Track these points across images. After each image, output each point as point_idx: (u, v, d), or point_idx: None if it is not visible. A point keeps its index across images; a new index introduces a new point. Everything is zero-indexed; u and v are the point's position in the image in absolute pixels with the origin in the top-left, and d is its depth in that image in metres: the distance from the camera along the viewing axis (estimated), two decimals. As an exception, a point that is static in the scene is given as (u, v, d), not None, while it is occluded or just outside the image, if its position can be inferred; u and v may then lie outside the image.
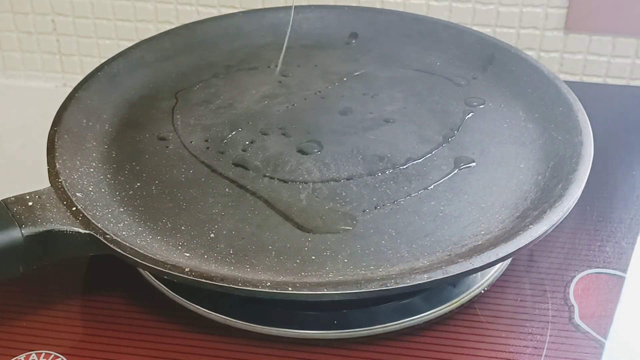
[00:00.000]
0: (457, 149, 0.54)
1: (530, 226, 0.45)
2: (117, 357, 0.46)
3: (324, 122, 0.57)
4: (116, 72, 0.60)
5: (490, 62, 0.61)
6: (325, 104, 0.59)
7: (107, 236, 0.45)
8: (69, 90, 0.57)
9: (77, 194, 0.48)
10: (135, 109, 0.58)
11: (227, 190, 0.51)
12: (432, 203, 0.50)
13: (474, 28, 0.70)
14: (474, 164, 0.53)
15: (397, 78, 0.62)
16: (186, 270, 0.43)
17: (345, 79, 0.62)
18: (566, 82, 0.58)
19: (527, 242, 0.44)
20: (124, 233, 0.47)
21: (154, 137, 0.56)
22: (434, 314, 0.48)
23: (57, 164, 0.50)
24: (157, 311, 0.49)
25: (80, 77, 0.58)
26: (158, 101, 0.59)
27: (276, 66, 0.59)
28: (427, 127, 0.56)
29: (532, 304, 0.49)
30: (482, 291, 0.50)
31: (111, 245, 0.44)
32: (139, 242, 0.46)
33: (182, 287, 0.48)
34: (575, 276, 0.51)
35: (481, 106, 0.58)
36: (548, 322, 0.48)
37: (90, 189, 0.50)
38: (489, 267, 0.44)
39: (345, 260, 0.46)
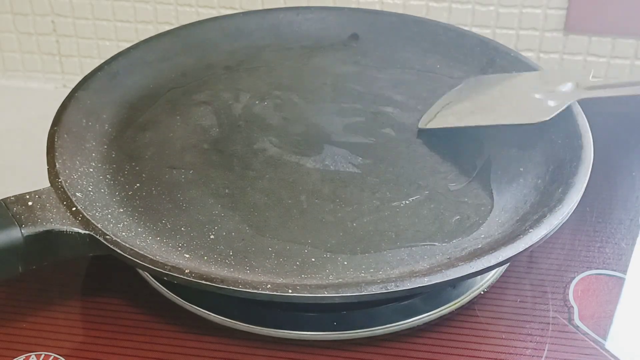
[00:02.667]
0: (457, 152, 0.54)
1: (530, 230, 0.45)
2: (117, 359, 0.46)
3: (324, 124, 0.57)
4: (116, 72, 0.60)
5: (491, 65, 0.61)
6: (325, 105, 0.59)
7: (107, 237, 0.45)
8: (69, 91, 0.57)
9: (77, 194, 0.48)
10: (135, 109, 0.58)
11: (227, 191, 0.51)
12: (432, 206, 0.50)
13: (474, 29, 0.70)
14: (474, 167, 0.53)
15: (397, 80, 0.62)
16: (186, 271, 0.43)
17: (345, 80, 0.62)
18: (566, 83, 0.58)
19: (526, 246, 0.44)
20: (123, 234, 0.47)
21: (154, 137, 0.56)
22: (433, 315, 0.48)
23: (56, 164, 0.50)
24: (157, 312, 0.49)
25: (80, 79, 0.58)
26: (158, 102, 0.59)
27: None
28: (427, 130, 0.56)
29: (531, 305, 0.49)
30: (482, 292, 0.50)
31: (111, 246, 0.44)
32: (138, 243, 0.46)
33: (181, 289, 0.48)
34: (574, 277, 0.51)
35: (481, 108, 0.58)
36: (548, 323, 0.48)
37: (90, 189, 0.50)
38: (489, 270, 0.44)
39: (345, 263, 0.46)
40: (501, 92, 0.57)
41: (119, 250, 0.44)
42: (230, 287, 0.42)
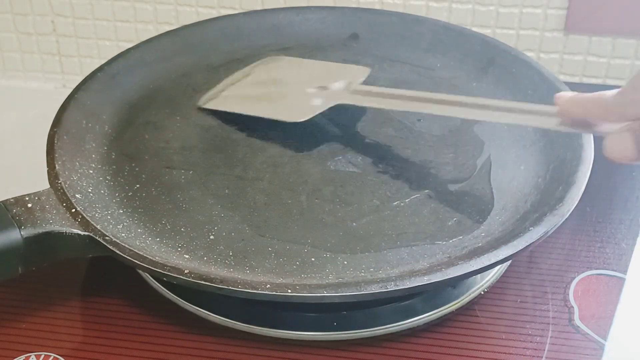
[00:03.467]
0: (457, 152, 0.54)
1: (530, 228, 0.45)
2: (117, 359, 0.46)
3: (324, 124, 0.57)
4: (116, 73, 0.60)
5: (491, 64, 0.61)
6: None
7: (107, 238, 0.45)
8: (69, 91, 0.57)
9: (77, 195, 0.48)
10: (135, 110, 0.58)
11: (226, 191, 0.51)
12: (432, 205, 0.50)
13: (474, 29, 0.69)
14: (474, 166, 0.53)
15: (397, 79, 0.61)
16: (186, 272, 0.43)
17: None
18: (566, 83, 0.58)
19: (527, 244, 0.44)
20: (123, 235, 0.47)
21: (154, 138, 0.56)
22: (433, 315, 0.48)
23: (56, 165, 0.50)
24: (157, 313, 0.49)
25: (80, 79, 0.58)
26: (158, 102, 0.59)
27: None
28: (427, 129, 0.56)
29: (532, 306, 0.49)
30: (482, 292, 0.50)
31: (110, 247, 0.44)
32: (138, 243, 0.46)
33: (181, 289, 0.48)
34: (575, 277, 0.51)
35: (481, 107, 0.58)
36: (548, 323, 0.48)
37: (90, 190, 0.50)
38: (489, 269, 0.44)
39: (345, 262, 0.46)
40: (283, 80, 0.60)
41: (118, 252, 0.44)
42: (230, 288, 0.42)
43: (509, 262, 0.51)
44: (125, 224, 0.48)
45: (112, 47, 0.80)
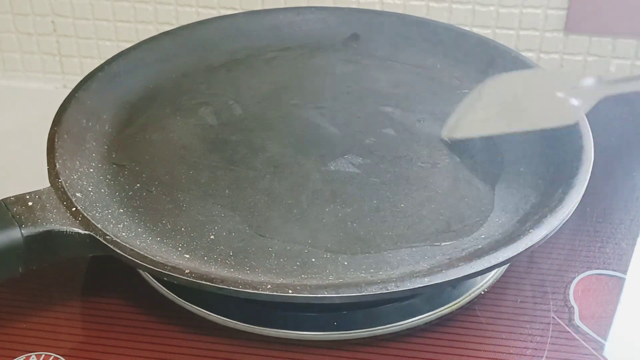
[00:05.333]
0: (458, 152, 0.54)
1: (531, 230, 0.45)
2: (117, 359, 0.46)
3: (324, 124, 0.57)
4: (116, 73, 0.60)
5: (491, 65, 0.61)
6: (325, 105, 0.59)
7: (107, 237, 0.45)
8: (69, 91, 0.57)
9: (77, 194, 0.48)
10: (135, 110, 0.58)
11: (227, 191, 0.51)
12: (433, 206, 0.50)
13: (474, 29, 0.70)
14: (474, 167, 0.53)
15: (397, 80, 0.62)
16: (186, 271, 0.43)
17: (345, 80, 0.62)
18: (566, 83, 0.58)
19: (527, 247, 0.44)
20: (123, 234, 0.47)
21: (154, 137, 0.56)
22: (433, 315, 0.48)
23: (57, 164, 0.50)
24: (157, 313, 0.49)
25: (80, 79, 0.58)
26: (158, 102, 0.59)
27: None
28: (428, 130, 0.56)
29: (532, 305, 0.49)
30: (482, 292, 0.50)
31: (111, 246, 0.44)
32: (138, 243, 0.46)
33: (181, 289, 0.48)
34: (575, 277, 0.51)
35: (481, 108, 0.58)
36: (548, 323, 0.48)
37: (90, 189, 0.50)
38: (489, 271, 0.45)
39: (346, 263, 0.46)
40: (523, 94, 0.55)
41: (119, 251, 0.44)
42: (231, 288, 0.42)
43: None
44: (125, 223, 0.48)
45: (112, 47, 0.80)
